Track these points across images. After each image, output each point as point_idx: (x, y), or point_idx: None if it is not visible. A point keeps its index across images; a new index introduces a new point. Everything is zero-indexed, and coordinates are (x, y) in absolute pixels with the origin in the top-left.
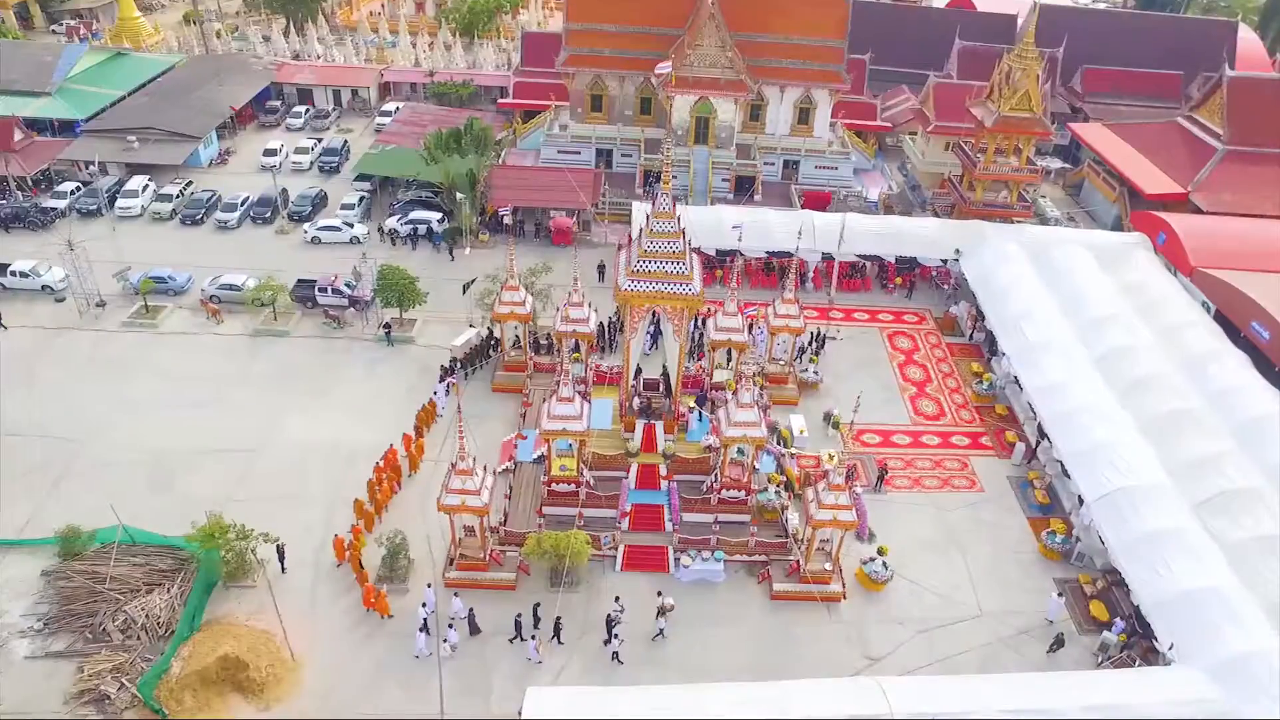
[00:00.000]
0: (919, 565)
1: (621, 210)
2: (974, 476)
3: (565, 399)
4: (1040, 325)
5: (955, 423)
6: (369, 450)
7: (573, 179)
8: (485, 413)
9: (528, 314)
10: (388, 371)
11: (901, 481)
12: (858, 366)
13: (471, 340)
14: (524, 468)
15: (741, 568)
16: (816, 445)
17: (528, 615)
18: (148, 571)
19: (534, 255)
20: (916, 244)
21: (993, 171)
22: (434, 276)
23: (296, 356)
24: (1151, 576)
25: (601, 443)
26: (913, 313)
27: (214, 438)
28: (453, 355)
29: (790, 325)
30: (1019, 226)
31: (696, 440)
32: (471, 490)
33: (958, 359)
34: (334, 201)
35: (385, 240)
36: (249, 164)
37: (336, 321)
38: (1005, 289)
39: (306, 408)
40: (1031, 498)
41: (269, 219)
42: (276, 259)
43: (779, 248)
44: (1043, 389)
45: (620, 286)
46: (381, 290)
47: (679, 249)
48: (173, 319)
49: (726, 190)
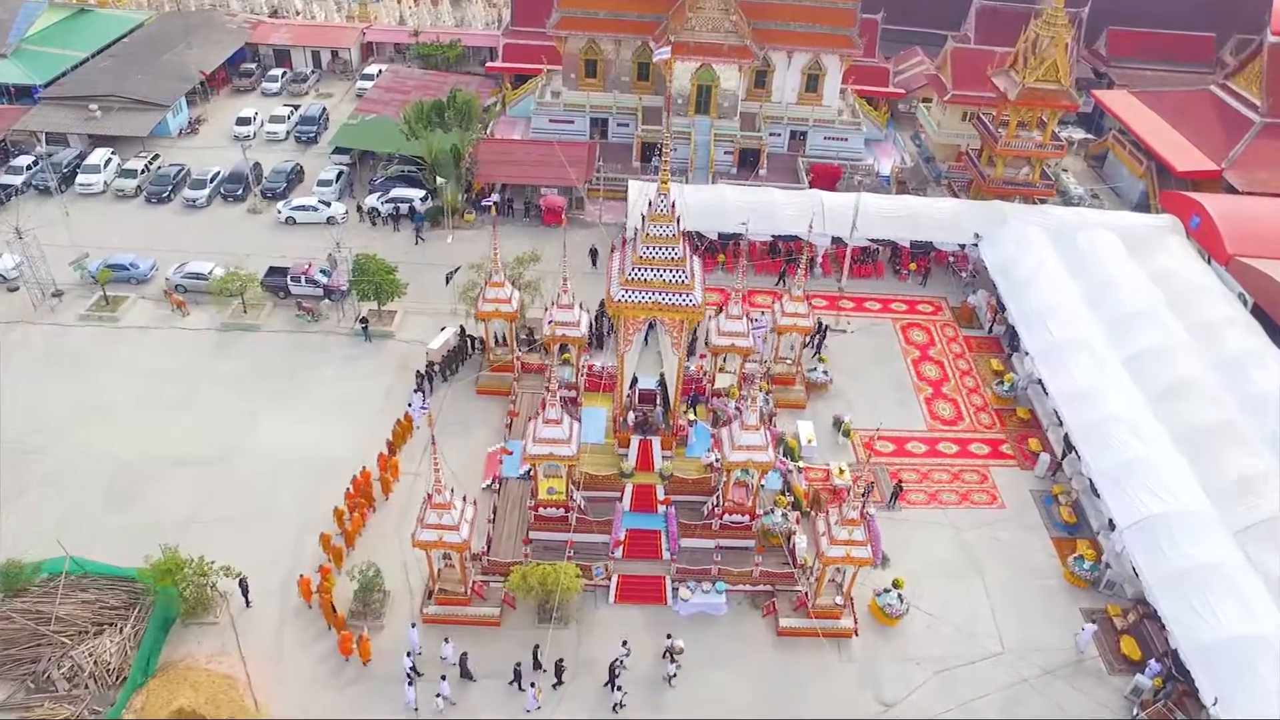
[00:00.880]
0: (936, 593)
1: (618, 187)
2: (994, 490)
3: (552, 420)
4: (1067, 322)
5: (974, 428)
6: (344, 462)
7: (563, 155)
8: (468, 419)
9: (514, 312)
10: (365, 370)
11: (917, 496)
12: (869, 363)
13: (449, 342)
14: (510, 485)
15: (744, 598)
16: (826, 454)
17: (517, 654)
18: (98, 609)
19: (523, 238)
20: (933, 227)
21: (1014, 147)
22: (416, 262)
23: (267, 353)
24: (1191, 617)
25: (594, 460)
26: (928, 301)
27: (178, 447)
28: (430, 360)
29: (799, 324)
30: (1041, 207)
31: (696, 456)
32: (449, 525)
33: (976, 355)
34: (310, 176)
35: (365, 220)
36: (221, 133)
37: (310, 314)
38: (1028, 279)
39: (278, 412)
40: (1056, 515)
41: (240, 196)
42: (248, 241)
43: (785, 231)
44: (1070, 396)
45: (613, 297)
46: (357, 282)
47: (678, 255)
48: (135, 311)
49: (729, 164)
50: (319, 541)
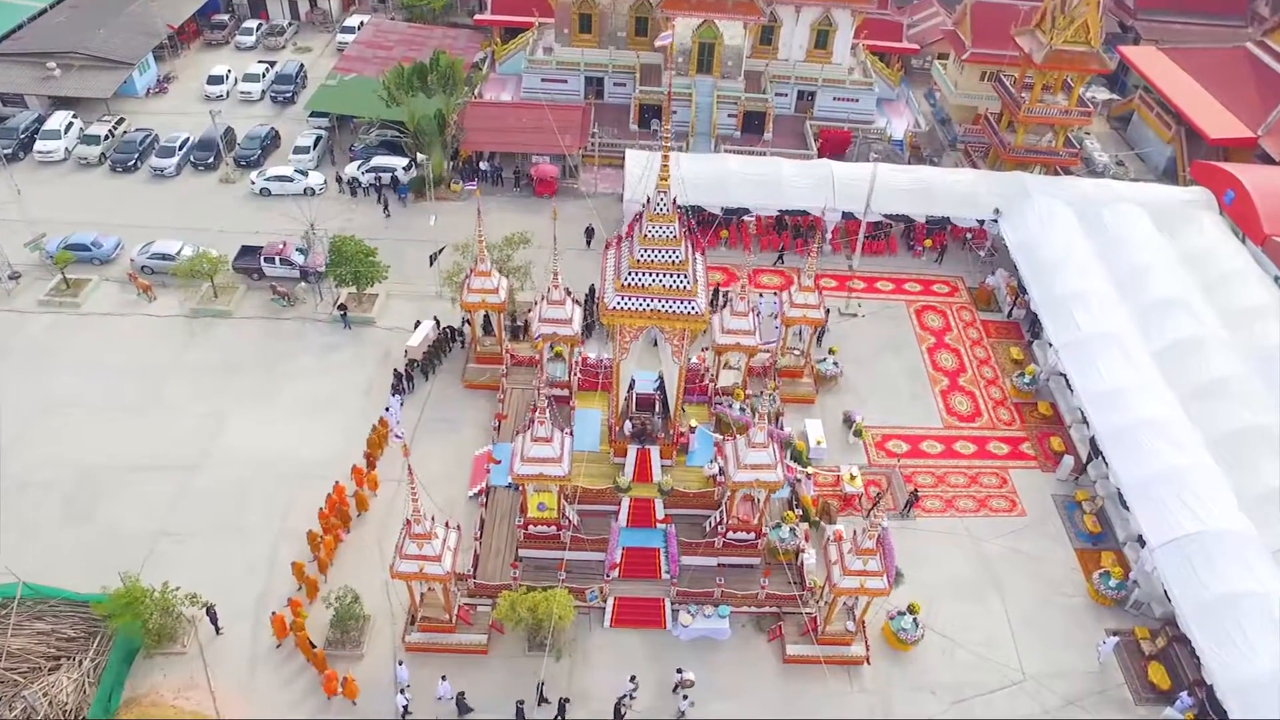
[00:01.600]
0: (952, 614)
1: (614, 153)
2: (1014, 496)
3: (542, 439)
4: (1095, 313)
5: (992, 424)
6: (321, 466)
7: (555, 121)
8: (454, 416)
9: (501, 303)
10: (344, 362)
11: (932, 503)
12: (881, 351)
13: (429, 336)
14: (498, 495)
15: (749, 620)
16: (836, 454)
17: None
18: (54, 641)
19: (513, 210)
20: (950, 201)
21: (1038, 113)
22: (399, 239)
23: (240, 343)
24: (1228, 650)
25: (588, 470)
26: (944, 281)
27: (144, 450)
28: (409, 357)
29: (809, 316)
30: (1065, 179)
31: (698, 465)
32: (430, 556)
33: (994, 341)
34: (287, 142)
35: (345, 191)
36: (192, 93)
37: (285, 298)
38: (1053, 263)
39: (250, 411)
40: (1080, 524)
41: (212, 165)
42: (220, 215)
43: (793, 205)
44: (1098, 396)
45: (607, 305)
46: (334, 266)
47: (679, 257)
48: (98, 295)
49: (733, 127)
50: (291, 570)
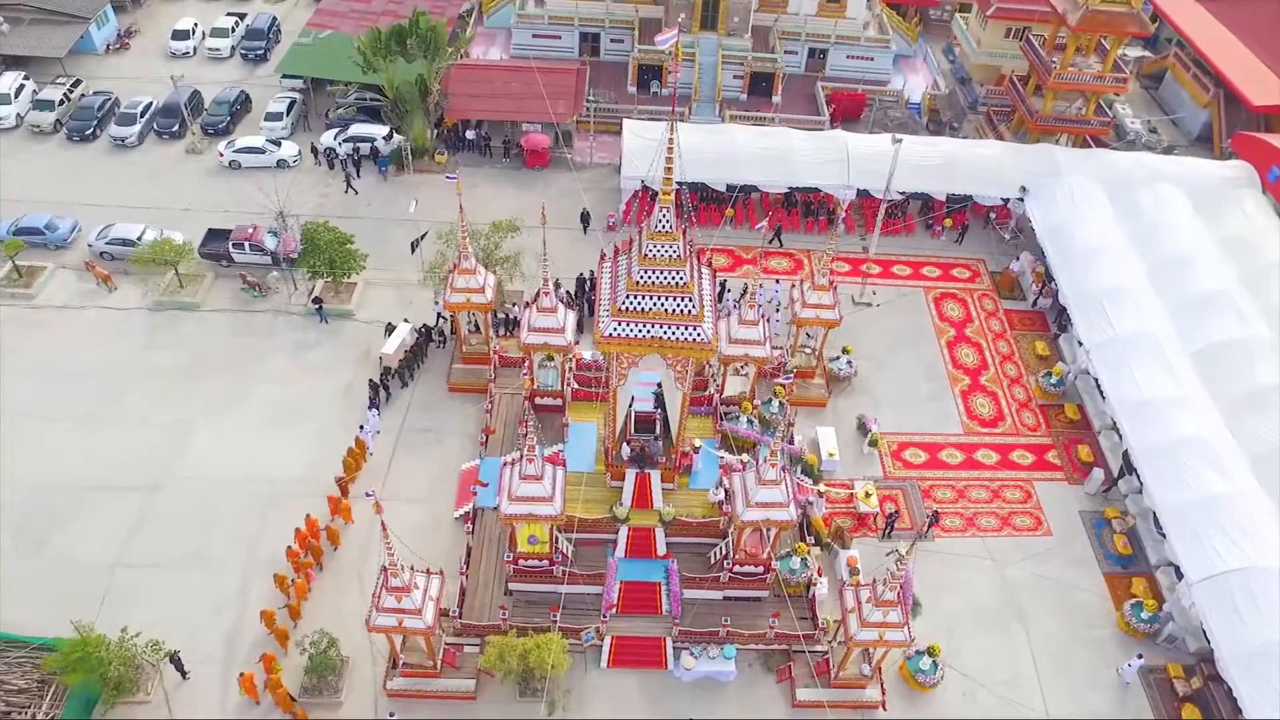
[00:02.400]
0: (973, 648)
1: (611, 119)
2: (1039, 512)
3: (532, 477)
4: (1130, 310)
5: (1016, 429)
6: (294, 485)
7: (548, 86)
8: (439, 424)
9: (488, 303)
10: (320, 361)
11: (952, 521)
12: (898, 346)
13: (406, 342)
14: (487, 517)
15: (756, 659)
16: (849, 465)
17: None
18: (3, 694)
19: (502, 184)
20: (973, 177)
21: (1070, 79)
22: (378, 217)
23: (208, 340)
24: (1276, 703)
25: (583, 494)
26: (964, 264)
27: (103, 467)
28: (385, 365)
29: (822, 316)
30: (1097, 153)
31: (703, 488)
32: (410, 609)
33: (1018, 333)
34: (258, 107)
35: (321, 163)
36: (155, 49)
37: (256, 289)
38: (1084, 252)
39: (218, 419)
40: (1110, 544)
41: (177, 133)
42: (186, 191)
43: (805, 182)
44: (1133, 407)
45: (602, 332)
46: (306, 257)
47: (683, 278)
48: (53, 286)
49: (739, 90)
50: (260, 619)
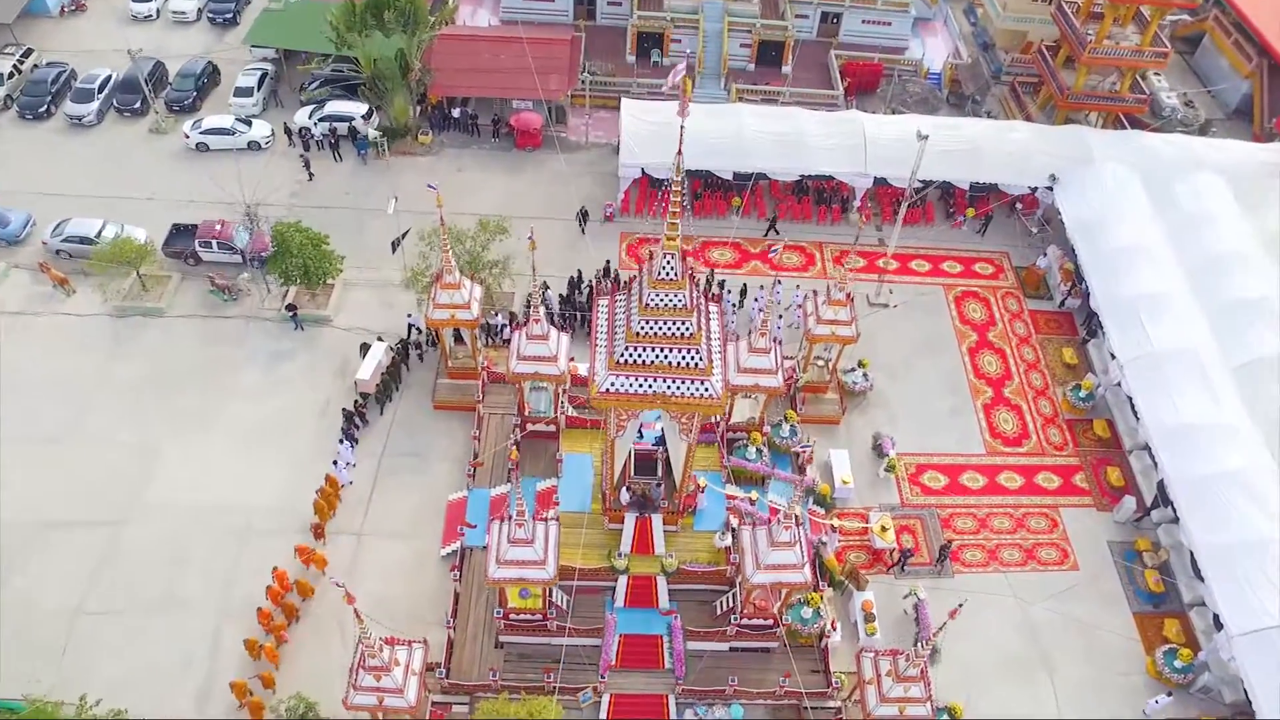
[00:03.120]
0: (995, 700)
1: (609, 93)
2: (1066, 544)
3: (521, 540)
4: (1169, 322)
5: (1041, 448)
6: (269, 518)
7: (540, 59)
8: (424, 448)
9: (475, 319)
10: (296, 374)
11: (973, 554)
12: (916, 353)
13: (382, 364)
14: (475, 558)
15: (763, 711)
16: (864, 489)
17: None
18: None
19: (491, 168)
20: (999, 164)
21: (1105, 54)
22: (356, 207)
23: (174, 350)
24: None
25: (578, 537)
26: (987, 259)
27: (63, 499)
28: (361, 391)
29: (839, 333)
30: (1132, 135)
31: (708, 530)
32: (392, 688)
33: (1044, 337)
34: (227, 80)
35: (296, 144)
36: (115, 11)
37: (226, 292)
38: (1118, 251)
39: (187, 441)
40: (1140, 580)
41: (139, 110)
42: (150, 176)
43: (819, 169)
44: (1171, 434)
45: (598, 386)
46: (276, 260)
47: (689, 329)
48: (5, 289)
49: (746, 60)
50: (231, 690)
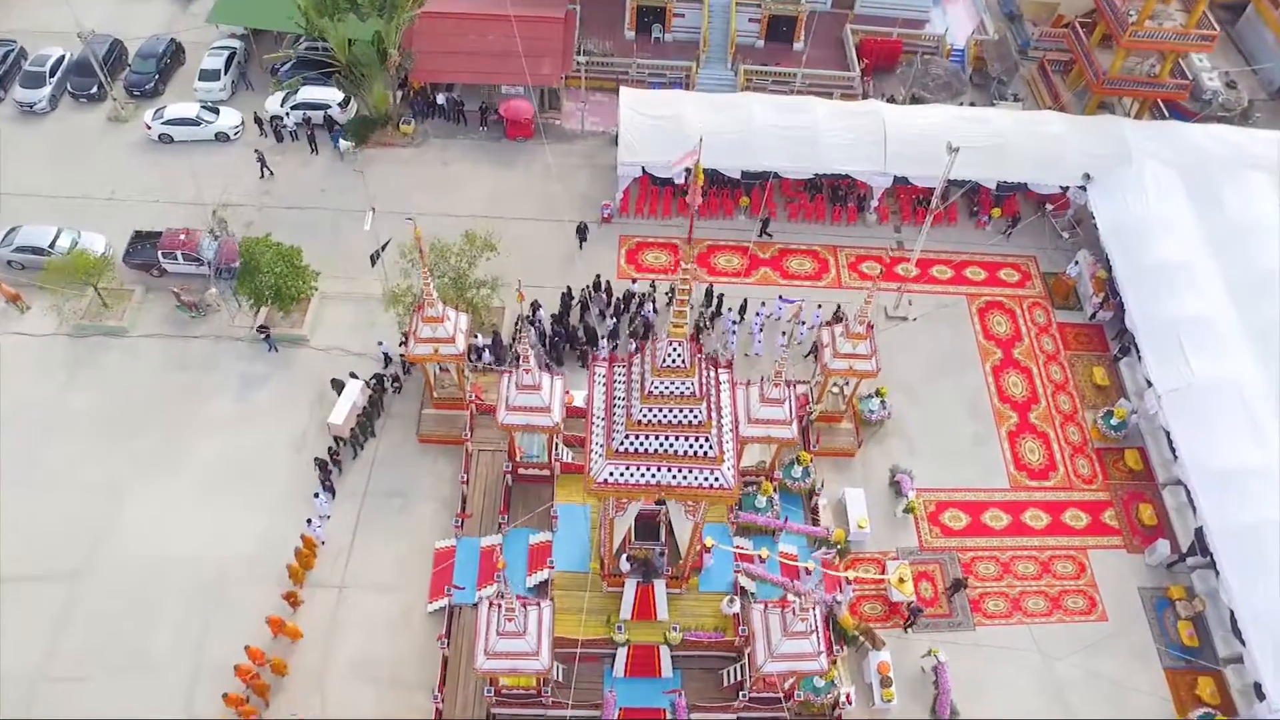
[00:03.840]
0: None
1: (606, 74)
2: (1094, 591)
3: (511, 634)
4: (1214, 350)
5: (1068, 482)
6: (243, 569)
7: (529, 43)
8: (409, 486)
9: (460, 353)
10: (271, 401)
11: (995, 604)
12: (937, 373)
13: (357, 404)
14: (465, 617)
15: None
16: (881, 533)
17: None
18: None
19: (479, 161)
20: (1029, 161)
21: (1147, 37)
22: (333, 208)
23: (138, 376)
24: None
25: (574, 602)
26: (1013, 264)
27: (18, 548)
28: (335, 435)
29: (857, 368)
30: (1171, 127)
31: (715, 591)
32: None
33: (1074, 354)
34: (193, 58)
35: (268, 134)
36: None
37: (194, 309)
38: (1158, 265)
39: (152, 481)
40: (1173, 632)
41: (96, 95)
42: (111, 171)
43: (834, 169)
44: (1214, 479)
45: (594, 478)
46: (245, 280)
47: (699, 417)
48: None
49: (755, 35)
50: None
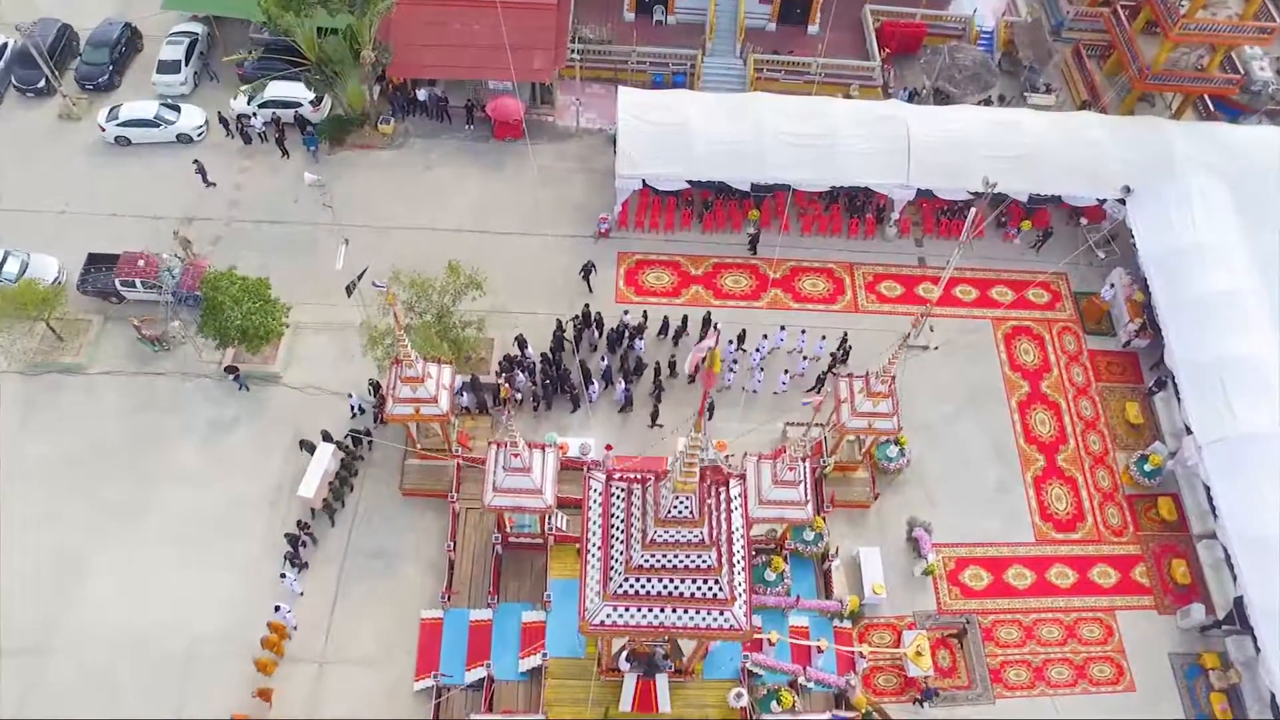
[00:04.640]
0: None
1: (604, 63)
2: (1122, 658)
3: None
4: (1261, 396)
5: (1098, 533)
6: (215, 644)
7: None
8: (393, 546)
9: (444, 414)
10: (241, 447)
11: (1017, 674)
12: (959, 409)
13: (329, 471)
14: (455, 698)
15: None
16: (897, 594)
17: None
18: None
19: (464, 164)
20: (1065, 171)
21: (1198, 29)
22: (311, 220)
23: (97, 419)
24: None
25: (570, 693)
26: (1042, 284)
27: None
28: (308, 506)
29: (877, 426)
30: (1221, 133)
31: (721, 679)
32: None
33: (1105, 386)
34: (151, 44)
35: (234, 134)
36: None
37: (156, 342)
38: (1204, 298)
39: (114, 541)
40: (1204, 704)
41: (44, 90)
42: (63, 179)
43: (853, 181)
44: (1255, 544)
45: (589, 620)
46: (209, 320)
47: (707, 562)
48: None
49: (766, 18)
50: None
